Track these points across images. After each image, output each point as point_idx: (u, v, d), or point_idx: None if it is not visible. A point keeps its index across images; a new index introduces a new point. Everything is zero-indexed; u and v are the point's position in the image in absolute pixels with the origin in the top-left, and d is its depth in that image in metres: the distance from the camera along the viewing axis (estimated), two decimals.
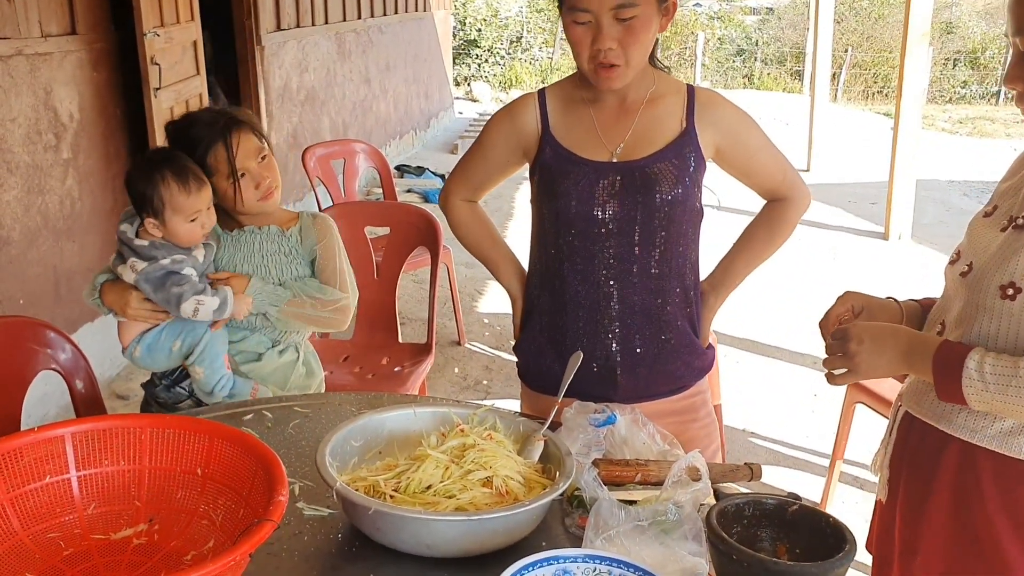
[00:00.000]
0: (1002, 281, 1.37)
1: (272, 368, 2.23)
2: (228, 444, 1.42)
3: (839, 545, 1.24)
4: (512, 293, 2.05)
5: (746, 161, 1.92)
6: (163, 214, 2.02)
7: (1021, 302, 1.36)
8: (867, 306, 1.62)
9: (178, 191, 2.01)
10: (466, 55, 17.51)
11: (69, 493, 1.41)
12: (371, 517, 1.36)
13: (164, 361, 2.16)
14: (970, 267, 1.45)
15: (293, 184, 6.51)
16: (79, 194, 4.09)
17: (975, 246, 1.48)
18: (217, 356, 2.12)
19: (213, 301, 2.07)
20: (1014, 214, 1.43)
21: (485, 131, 1.99)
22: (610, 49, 1.71)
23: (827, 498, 3.15)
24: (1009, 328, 1.37)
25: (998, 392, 1.32)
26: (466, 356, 4.67)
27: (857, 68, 17.96)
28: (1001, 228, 1.44)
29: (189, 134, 2.12)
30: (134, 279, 2.05)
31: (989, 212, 1.51)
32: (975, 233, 1.51)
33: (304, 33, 6.79)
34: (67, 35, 3.95)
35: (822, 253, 6.60)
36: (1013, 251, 1.38)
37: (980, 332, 1.41)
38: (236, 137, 2.11)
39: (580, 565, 1.26)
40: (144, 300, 2.08)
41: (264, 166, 2.15)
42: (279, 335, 2.24)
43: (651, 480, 1.58)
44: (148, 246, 2.06)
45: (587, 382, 1.86)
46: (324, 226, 2.26)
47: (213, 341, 2.12)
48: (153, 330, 2.12)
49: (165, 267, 2.05)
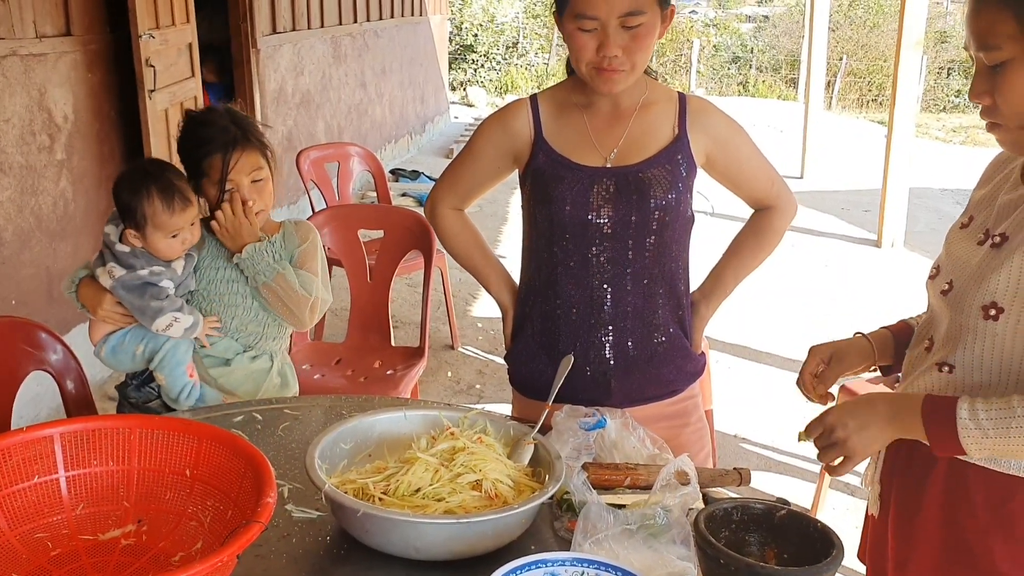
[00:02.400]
0: (984, 301, 1.37)
1: (244, 375, 2.20)
2: (217, 446, 1.42)
3: (827, 550, 1.24)
4: (503, 305, 2.05)
5: (736, 169, 1.93)
6: (144, 228, 2.02)
7: (1004, 322, 1.35)
8: (835, 352, 1.63)
9: (161, 209, 2.00)
10: (462, 60, 17.52)
11: (58, 493, 1.41)
12: (360, 519, 1.36)
13: (128, 363, 2.16)
14: (951, 285, 1.45)
15: (287, 187, 6.50)
16: (72, 195, 4.09)
17: (954, 261, 1.47)
18: (178, 365, 2.11)
19: (187, 319, 2.08)
20: (989, 227, 1.43)
21: (475, 137, 1.98)
22: (615, 56, 1.71)
23: (817, 504, 3.16)
24: (994, 348, 1.37)
25: (999, 436, 1.29)
26: (459, 360, 4.67)
27: (852, 76, 18.01)
28: (978, 242, 1.44)
29: (199, 131, 2.11)
30: (110, 285, 2.05)
31: (965, 224, 1.51)
32: (953, 247, 1.50)
33: (300, 36, 6.79)
34: (62, 36, 3.95)
35: (815, 260, 6.61)
36: (991, 269, 1.37)
37: (966, 353, 1.40)
38: (239, 154, 2.09)
39: (568, 569, 1.26)
40: (117, 304, 2.07)
41: (257, 189, 2.13)
42: (253, 340, 2.22)
43: (640, 484, 1.59)
44: (128, 253, 2.05)
45: (579, 386, 1.87)
46: (305, 230, 2.25)
47: (175, 349, 2.11)
48: (118, 332, 2.13)
49: (143, 277, 2.04)
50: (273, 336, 2.24)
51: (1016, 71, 1.29)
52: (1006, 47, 1.28)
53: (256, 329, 2.20)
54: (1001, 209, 1.43)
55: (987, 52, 1.30)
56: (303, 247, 2.22)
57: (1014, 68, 1.29)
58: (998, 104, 1.32)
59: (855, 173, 9.56)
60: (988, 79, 1.32)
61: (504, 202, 7.73)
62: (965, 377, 1.41)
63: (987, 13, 1.30)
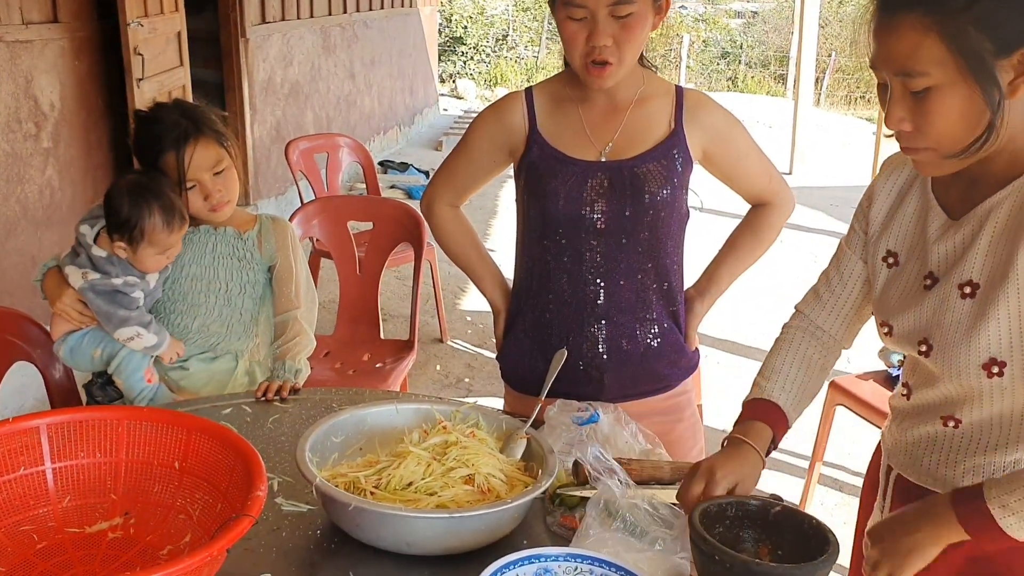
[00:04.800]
0: (982, 360, 1.28)
1: (205, 377, 2.13)
2: (206, 438, 1.40)
3: (821, 547, 1.23)
4: (495, 306, 2.03)
5: (733, 164, 1.92)
6: (139, 243, 1.97)
7: (1009, 376, 1.28)
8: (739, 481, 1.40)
9: (162, 228, 1.96)
10: (452, 52, 17.46)
11: (44, 485, 1.39)
12: (351, 513, 1.35)
13: (86, 365, 2.10)
14: (928, 346, 1.35)
15: (276, 178, 6.47)
16: (59, 184, 4.05)
17: (908, 316, 1.38)
18: (136, 370, 2.05)
19: (151, 338, 2.03)
20: (933, 270, 1.35)
21: (470, 131, 1.96)
22: (605, 46, 1.69)
23: (806, 499, 3.16)
24: (1003, 402, 1.31)
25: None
26: (448, 354, 4.65)
27: (841, 73, 18.04)
28: (924, 287, 1.36)
29: (152, 130, 2.04)
30: (80, 286, 2.00)
31: (892, 263, 1.43)
32: (892, 294, 1.42)
33: (289, 26, 6.74)
34: (49, 23, 3.91)
35: (803, 256, 6.62)
36: (976, 323, 1.28)
37: (974, 411, 1.34)
38: (192, 147, 2.02)
39: (562, 564, 1.26)
40: (78, 301, 2.02)
41: (220, 179, 2.07)
42: (216, 340, 2.13)
43: (634, 479, 1.58)
44: (105, 258, 2.00)
45: (573, 381, 1.85)
46: (284, 232, 2.19)
47: (131, 355, 2.05)
48: (78, 332, 2.06)
49: (115, 286, 1.99)
50: (239, 336, 2.16)
51: (943, 96, 1.18)
52: (933, 72, 1.17)
53: (219, 329, 2.13)
54: (942, 250, 1.35)
55: (910, 78, 1.19)
56: (283, 251, 2.16)
57: (941, 93, 1.18)
58: (923, 131, 1.22)
59: (844, 169, 9.58)
60: (908, 104, 1.21)
61: (493, 195, 7.71)
62: (974, 433, 1.35)
63: (907, 35, 1.17)
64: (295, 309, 2.15)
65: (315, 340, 2.18)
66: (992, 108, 1.19)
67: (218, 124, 2.09)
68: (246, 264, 2.14)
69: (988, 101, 1.18)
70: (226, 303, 2.13)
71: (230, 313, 2.13)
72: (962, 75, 1.17)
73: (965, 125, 1.21)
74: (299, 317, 2.15)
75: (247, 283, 2.14)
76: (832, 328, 1.58)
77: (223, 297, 2.12)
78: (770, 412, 1.49)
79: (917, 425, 1.43)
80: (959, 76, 1.17)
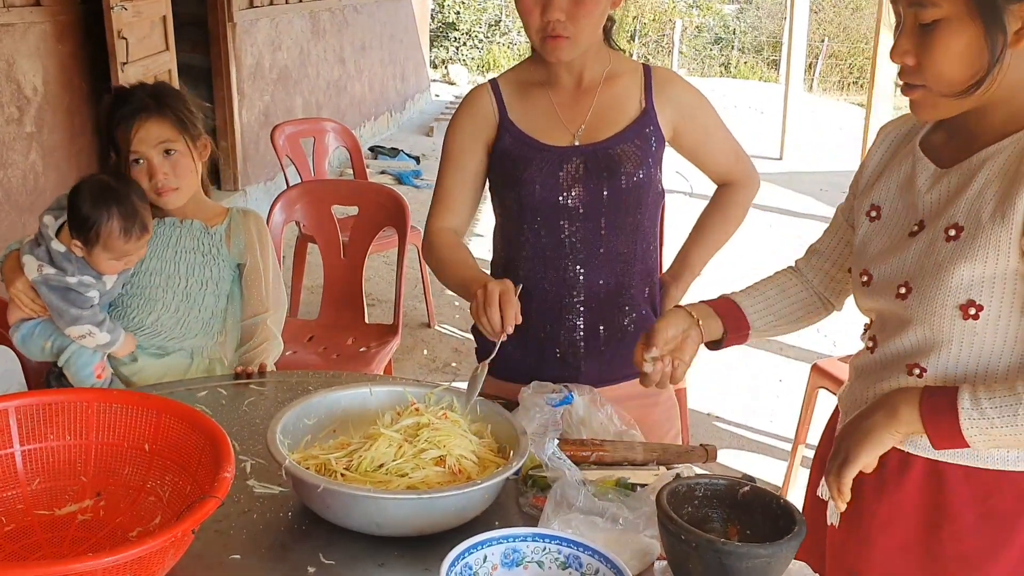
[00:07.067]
0: (959, 301, 1.29)
1: (159, 371, 2.05)
2: (176, 420, 1.40)
3: (789, 527, 1.24)
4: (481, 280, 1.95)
5: (702, 141, 1.91)
6: (94, 245, 1.91)
7: (985, 320, 1.28)
8: (657, 332, 1.53)
9: (119, 235, 1.90)
10: (444, 38, 17.37)
11: (12, 468, 1.39)
12: (320, 495, 1.35)
13: (38, 355, 2.04)
14: (908, 288, 1.35)
15: (264, 163, 6.44)
16: (43, 169, 4.03)
17: (890, 262, 1.39)
18: (85, 366, 1.99)
19: (103, 337, 1.96)
20: (923, 218, 1.36)
21: (446, 138, 1.92)
22: (559, 20, 1.68)
23: (789, 482, 3.17)
24: (972, 347, 1.30)
25: (1006, 425, 1.22)
26: (435, 338, 4.65)
27: (833, 58, 18.02)
28: (909, 233, 1.37)
29: (119, 110, 2.00)
30: (34, 279, 1.94)
31: (875, 216, 1.45)
32: (874, 244, 1.43)
33: (277, 11, 6.70)
34: (31, 6, 3.88)
35: (791, 240, 6.63)
36: (954, 264, 1.28)
37: (941, 356, 1.33)
38: (143, 120, 1.96)
39: (530, 544, 1.26)
40: (31, 289, 1.96)
41: (169, 161, 1.99)
42: (171, 336, 2.07)
43: (607, 460, 1.58)
44: (63, 254, 1.93)
45: (549, 367, 1.85)
46: (254, 228, 2.12)
47: (82, 350, 1.99)
48: (31, 321, 2.01)
49: (69, 284, 1.93)
50: (195, 333, 2.08)
51: (949, 30, 1.22)
52: (944, 4, 1.21)
53: (173, 326, 2.06)
54: (931, 198, 1.35)
55: (921, 9, 1.23)
56: (252, 251, 2.10)
57: (948, 27, 1.22)
58: (924, 65, 1.25)
59: (834, 154, 9.58)
60: (915, 38, 1.25)
61: None
62: (938, 379, 1.33)
63: None
64: (264, 313, 2.10)
65: (283, 343, 2.13)
66: (993, 51, 1.22)
67: (184, 109, 2.02)
68: (211, 260, 2.07)
69: (991, 44, 1.21)
70: (184, 299, 2.06)
71: (187, 309, 2.07)
72: (970, 13, 1.21)
73: (965, 65, 1.24)
74: (268, 322, 2.10)
75: (209, 279, 2.07)
76: (819, 285, 1.65)
77: (181, 293, 2.05)
78: (724, 306, 1.59)
79: (880, 380, 1.42)
80: (967, 13, 1.21)
